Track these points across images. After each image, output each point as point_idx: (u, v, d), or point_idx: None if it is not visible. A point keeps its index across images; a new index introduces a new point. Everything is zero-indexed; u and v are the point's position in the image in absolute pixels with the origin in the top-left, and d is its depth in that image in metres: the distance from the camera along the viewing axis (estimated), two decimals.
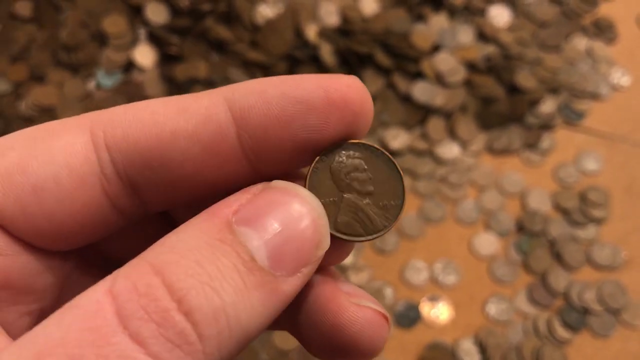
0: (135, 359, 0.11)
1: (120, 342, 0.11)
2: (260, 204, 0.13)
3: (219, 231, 0.13)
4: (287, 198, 0.13)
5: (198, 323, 0.12)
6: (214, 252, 0.12)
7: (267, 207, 0.13)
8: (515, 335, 0.46)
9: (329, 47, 0.53)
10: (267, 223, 0.13)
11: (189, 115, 0.14)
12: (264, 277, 0.13)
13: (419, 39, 0.54)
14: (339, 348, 0.15)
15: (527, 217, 0.50)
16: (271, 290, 0.13)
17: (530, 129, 0.54)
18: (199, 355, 0.11)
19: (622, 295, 0.46)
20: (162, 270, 0.12)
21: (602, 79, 0.56)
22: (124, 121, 0.14)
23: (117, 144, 0.14)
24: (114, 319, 0.11)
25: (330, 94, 0.14)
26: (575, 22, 0.59)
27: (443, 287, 0.48)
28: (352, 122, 0.14)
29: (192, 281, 0.12)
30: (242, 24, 0.55)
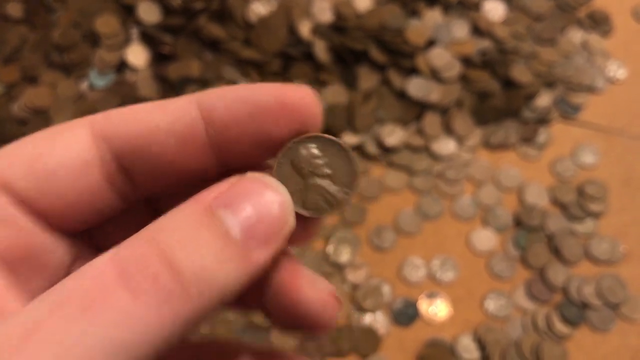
0: (132, 310, 0.14)
1: (121, 296, 0.14)
2: (236, 191, 0.16)
3: (202, 213, 0.16)
4: (259, 186, 0.17)
5: (185, 283, 0.15)
6: (197, 228, 0.16)
7: (242, 193, 0.16)
8: (514, 331, 0.45)
9: (323, 44, 0.53)
10: (241, 206, 0.16)
11: (166, 113, 0.18)
12: (238, 249, 0.16)
13: (413, 34, 0.53)
14: (298, 322, 0.19)
15: (524, 211, 0.50)
16: (244, 260, 0.16)
17: (527, 123, 0.53)
18: (184, 310, 0.15)
19: (621, 289, 0.46)
20: (155, 241, 0.15)
21: (598, 72, 0.56)
22: (117, 119, 0.18)
23: (112, 137, 0.18)
24: (116, 279, 0.14)
25: (279, 98, 0.17)
26: (570, 15, 0.59)
27: (441, 283, 0.47)
28: (301, 121, 0.18)
29: (180, 249, 0.15)
30: (235, 22, 0.54)
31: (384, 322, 0.46)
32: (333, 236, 0.49)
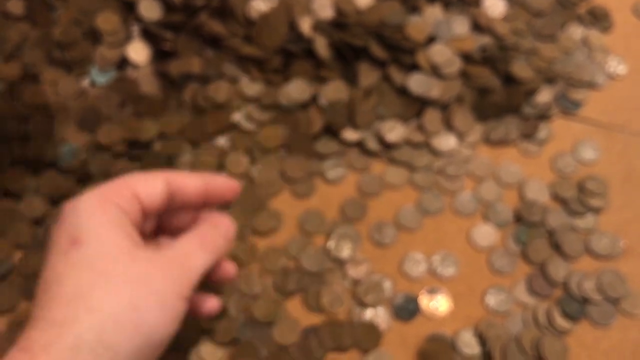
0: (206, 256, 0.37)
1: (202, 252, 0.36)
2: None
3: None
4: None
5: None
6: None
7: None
8: (515, 326, 0.45)
9: (324, 41, 0.53)
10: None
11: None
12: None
13: (413, 30, 0.53)
14: None
15: (525, 207, 0.50)
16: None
17: (527, 119, 0.54)
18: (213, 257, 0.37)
19: (621, 285, 0.46)
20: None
21: (599, 68, 0.56)
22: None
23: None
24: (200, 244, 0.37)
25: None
26: (570, 11, 0.59)
27: (442, 279, 0.48)
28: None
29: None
30: (236, 18, 0.54)
31: (385, 317, 0.46)
32: (334, 232, 0.49)
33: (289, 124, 0.53)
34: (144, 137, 0.52)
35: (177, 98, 0.54)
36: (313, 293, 0.47)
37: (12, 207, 0.50)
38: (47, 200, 0.50)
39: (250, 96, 0.53)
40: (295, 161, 0.52)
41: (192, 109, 0.54)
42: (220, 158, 0.52)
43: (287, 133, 0.52)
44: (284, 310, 0.46)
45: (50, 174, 0.51)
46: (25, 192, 0.50)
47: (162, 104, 0.54)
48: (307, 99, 0.53)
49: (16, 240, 0.48)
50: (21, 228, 0.49)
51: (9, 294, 0.47)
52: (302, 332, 0.45)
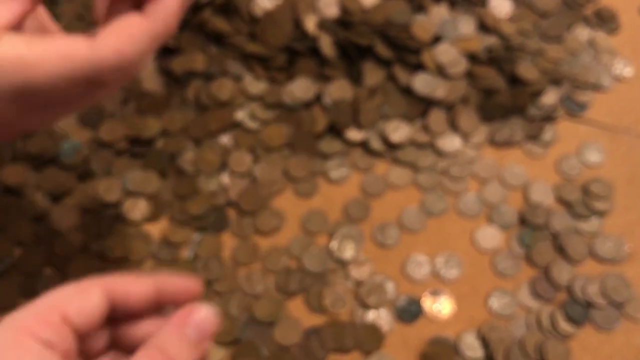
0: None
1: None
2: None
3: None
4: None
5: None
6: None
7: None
8: (518, 330, 0.45)
9: (329, 39, 0.53)
10: None
11: None
12: None
13: (419, 30, 0.53)
14: None
15: (529, 209, 0.49)
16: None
17: (533, 120, 0.53)
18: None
19: (625, 289, 0.46)
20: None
21: (605, 69, 0.56)
22: None
23: None
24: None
25: None
26: (577, 12, 0.58)
27: (445, 281, 0.47)
28: None
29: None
30: (241, 15, 0.54)
31: (388, 319, 0.46)
32: (337, 232, 0.48)
33: (292, 122, 0.52)
34: (147, 134, 0.52)
35: (180, 95, 0.54)
36: (315, 293, 0.46)
37: (13, 203, 0.49)
38: (48, 197, 0.50)
39: (254, 94, 0.53)
40: (299, 160, 0.51)
41: (195, 106, 0.53)
42: (223, 156, 0.51)
43: (290, 132, 0.52)
44: (286, 311, 0.46)
45: (52, 170, 0.50)
46: (26, 188, 0.50)
47: (165, 101, 0.53)
48: (311, 98, 0.52)
49: (16, 236, 0.48)
50: (22, 224, 0.49)
51: (8, 291, 0.46)
52: (304, 333, 0.45)
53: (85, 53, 0.26)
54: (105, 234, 0.48)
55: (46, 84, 0.27)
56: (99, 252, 0.48)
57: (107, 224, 0.49)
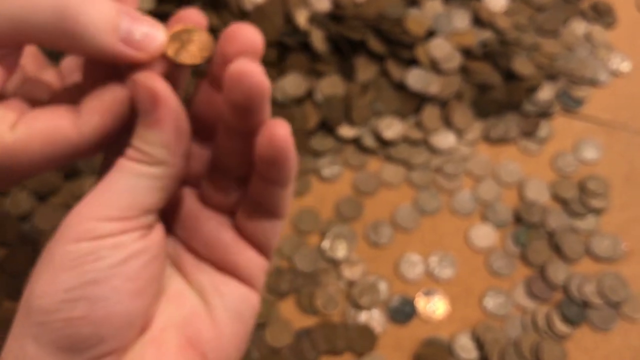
0: (128, 163, 0.25)
1: (125, 160, 0.25)
2: None
3: None
4: None
5: (140, 150, 0.25)
6: (137, 130, 0.25)
7: None
8: (513, 330, 0.44)
9: (320, 34, 0.52)
10: None
11: None
12: None
13: (413, 24, 0.52)
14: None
15: (524, 207, 0.49)
16: (152, 124, 0.25)
17: (528, 116, 0.52)
18: (149, 160, 0.25)
19: (622, 288, 0.45)
20: (131, 144, 0.25)
21: (601, 64, 0.55)
22: None
23: None
24: (124, 157, 0.25)
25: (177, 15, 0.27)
26: (573, 6, 0.57)
27: (439, 280, 0.46)
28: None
29: (135, 141, 0.25)
30: (230, 10, 0.53)
31: (380, 320, 0.45)
32: (329, 231, 0.47)
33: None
34: None
35: None
36: (307, 294, 0.45)
37: None
38: (34, 196, 0.48)
39: None
40: None
41: (184, 101, 0.52)
42: None
43: None
44: (277, 312, 0.45)
45: None
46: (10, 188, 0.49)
47: None
48: (303, 94, 0.51)
49: (1, 237, 0.47)
50: (7, 224, 0.47)
51: None
52: (295, 334, 0.44)
53: (71, 135, 0.25)
54: None
55: (27, 165, 0.26)
56: None
57: None
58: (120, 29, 0.23)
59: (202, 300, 0.27)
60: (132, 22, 0.24)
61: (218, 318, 0.26)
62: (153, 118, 0.24)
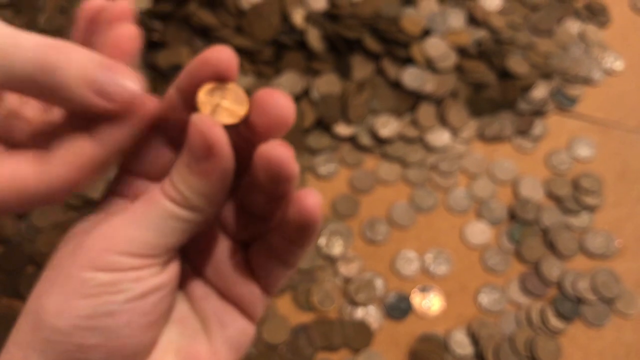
0: (162, 199, 0.23)
1: (161, 196, 0.23)
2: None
3: None
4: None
5: (178, 191, 0.24)
6: (179, 169, 0.24)
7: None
8: (508, 326, 0.45)
9: (317, 32, 0.52)
10: None
11: (167, 95, 0.25)
12: None
13: (408, 23, 0.52)
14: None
15: (519, 205, 0.49)
16: (199, 173, 0.23)
17: (522, 115, 0.53)
18: (184, 203, 0.23)
19: (615, 284, 0.46)
20: (170, 179, 0.23)
21: (595, 63, 0.55)
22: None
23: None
24: (160, 191, 0.23)
25: (200, 60, 0.23)
26: (567, 5, 0.58)
27: (434, 277, 0.47)
28: (214, 72, 0.23)
29: (175, 179, 0.24)
30: (227, 9, 0.53)
31: (377, 316, 0.45)
32: (325, 228, 0.48)
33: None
34: None
35: (166, 89, 0.52)
36: (303, 291, 0.46)
37: None
38: None
39: None
40: None
41: None
42: None
43: None
44: (274, 308, 0.45)
45: None
46: None
47: None
48: (299, 92, 0.52)
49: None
50: (3, 222, 0.48)
51: None
52: (292, 331, 0.44)
53: (34, 183, 0.24)
54: None
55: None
56: None
57: None
58: (95, 82, 0.23)
59: (203, 328, 0.26)
60: (107, 73, 0.23)
61: (217, 347, 0.26)
62: (202, 167, 0.23)
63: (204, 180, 0.23)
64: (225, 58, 0.23)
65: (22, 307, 0.25)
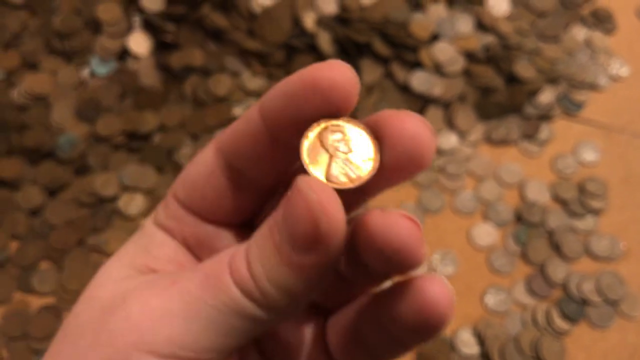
0: (229, 286, 0.17)
1: (228, 279, 0.17)
2: (283, 214, 0.18)
3: (267, 236, 0.18)
4: (294, 201, 0.17)
5: (257, 282, 0.17)
6: (264, 250, 0.17)
7: (285, 215, 0.17)
8: (513, 326, 0.45)
9: (327, 36, 0.53)
10: (285, 224, 0.17)
11: (244, 120, 0.19)
12: (287, 260, 0.17)
13: (417, 28, 0.53)
14: (380, 265, 0.17)
15: (525, 207, 0.50)
16: (295, 267, 0.17)
17: (529, 119, 0.53)
18: (260, 300, 0.17)
19: (620, 287, 0.46)
20: (246, 257, 0.17)
21: (601, 69, 0.56)
22: (224, 133, 0.20)
23: (221, 147, 0.20)
24: (225, 271, 0.17)
25: (304, 81, 0.17)
26: (574, 12, 0.59)
27: None
28: (328, 100, 0.17)
29: (254, 264, 0.17)
30: (239, 11, 0.54)
31: None
32: None
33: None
34: (144, 129, 0.51)
35: (178, 91, 0.54)
36: None
37: (9, 196, 0.49)
38: (45, 191, 0.49)
39: (252, 90, 0.53)
40: None
41: (193, 101, 0.53)
42: None
43: None
44: None
45: (48, 164, 0.50)
46: (22, 182, 0.50)
47: (163, 96, 0.53)
48: None
49: (12, 230, 0.48)
50: (18, 218, 0.48)
51: (4, 285, 0.46)
52: None
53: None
54: (101, 228, 0.48)
55: None
56: (94, 246, 0.48)
57: (104, 218, 0.49)
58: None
59: None
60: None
61: None
62: (301, 260, 0.16)
63: (299, 276, 0.16)
64: (343, 81, 0.17)
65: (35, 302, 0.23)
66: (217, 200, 0.21)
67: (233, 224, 0.21)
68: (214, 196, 0.20)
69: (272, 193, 0.21)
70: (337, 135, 0.17)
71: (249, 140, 0.19)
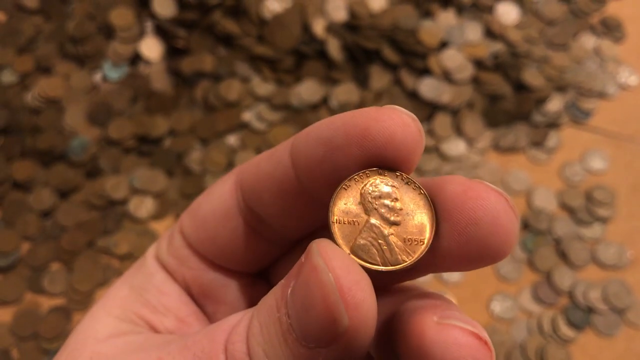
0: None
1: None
2: (293, 297, 0.15)
3: (275, 322, 0.15)
4: (308, 284, 0.14)
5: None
6: (268, 333, 0.14)
7: (296, 300, 0.14)
8: (519, 334, 0.45)
9: (337, 43, 0.53)
10: (297, 315, 0.15)
11: (271, 161, 0.17)
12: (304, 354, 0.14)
13: (426, 35, 0.54)
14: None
15: (532, 215, 0.50)
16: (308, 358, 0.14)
17: (537, 127, 0.54)
18: None
19: (627, 295, 0.46)
20: (247, 340, 0.15)
21: (610, 78, 0.56)
22: (246, 167, 0.18)
23: (241, 185, 0.18)
24: (222, 355, 0.14)
25: (344, 128, 0.14)
26: (583, 20, 0.59)
27: (447, 284, 0.48)
28: (379, 152, 0.14)
29: (256, 349, 0.14)
30: (250, 18, 0.54)
31: None
32: None
33: (299, 124, 0.53)
34: (155, 133, 0.52)
35: (189, 95, 0.54)
36: None
37: (21, 198, 0.50)
38: (56, 193, 0.50)
39: (262, 96, 0.54)
40: None
41: (203, 106, 0.54)
42: (230, 156, 0.52)
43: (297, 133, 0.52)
44: None
45: (60, 166, 0.51)
46: (34, 184, 0.50)
47: (174, 101, 0.54)
48: (318, 100, 0.53)
49: (24, 231, 0.49)
50: (29, 220, 0.49)
51: (15, 285, 0.47)
52: None
53: None
54: (111, 230, 0.49)
55: None
56: (104, 248, 0.48)
57: (114, 220, 0.49)
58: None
59: None
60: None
61: None
62: (309, 355, 0.14)
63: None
64: (404, 136, 0.13)
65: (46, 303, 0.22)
66: (229, 245, 0.18)
67: (244, 273, 0.19)
68: (226, 240, 0.18)
69: (296, 243, 0.18)
70: (384, 191, 0.13)
71: (274, 185, 0.16)
